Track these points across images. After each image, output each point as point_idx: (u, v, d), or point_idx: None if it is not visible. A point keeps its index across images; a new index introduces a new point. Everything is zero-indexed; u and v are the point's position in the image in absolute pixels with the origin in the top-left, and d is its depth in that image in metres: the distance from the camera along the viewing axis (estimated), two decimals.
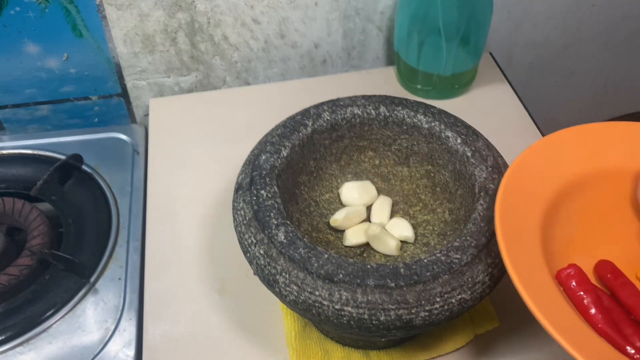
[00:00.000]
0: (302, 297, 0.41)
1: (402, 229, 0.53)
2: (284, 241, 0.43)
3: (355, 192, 0.55)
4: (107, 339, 0.54)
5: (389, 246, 0.52)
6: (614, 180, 0.48)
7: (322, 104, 0.54)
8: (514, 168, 0.45)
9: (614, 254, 0.45)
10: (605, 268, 0.44)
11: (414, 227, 0.54)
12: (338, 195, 0.56)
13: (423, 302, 0.40)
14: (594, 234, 0.46)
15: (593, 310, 0.40)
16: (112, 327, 0.55)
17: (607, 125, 0.50)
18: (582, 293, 0.41)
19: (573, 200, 0.46)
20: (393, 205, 0.56)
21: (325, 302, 0.41)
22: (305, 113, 0.53)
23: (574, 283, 0.41)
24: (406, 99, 0.54)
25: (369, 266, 0.41)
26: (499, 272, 0.43)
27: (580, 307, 0.41)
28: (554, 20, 0.84)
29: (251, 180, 0.47)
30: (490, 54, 0.80)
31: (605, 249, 0.46)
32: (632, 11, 0.88)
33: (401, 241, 0.53)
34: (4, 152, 0.71)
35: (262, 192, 0.46)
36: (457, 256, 0.42)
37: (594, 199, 0.47)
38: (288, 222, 0.45)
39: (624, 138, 0.49)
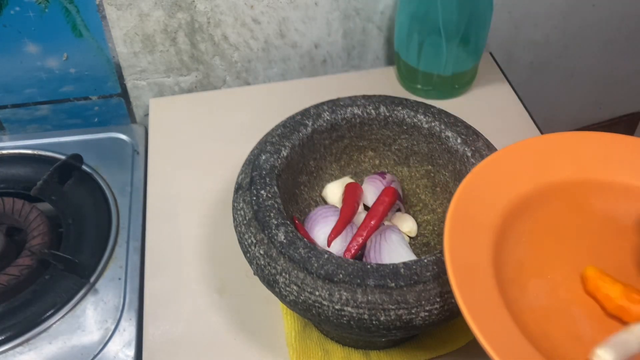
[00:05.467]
0: (302, 297, 0.41)
1: (406, 221, 0.54)
2: (284, 241, 0.43)
3: (339, 192, 0.55)
4: (107, 339, 0.54)
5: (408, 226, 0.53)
6: (560, 194, 0.46)
7: (322, 104, 0.54)
8: (457, 196, 0.42)
9: (564, 272, 0.43)
10: None
11: None
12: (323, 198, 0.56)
13: (423, 302, 0.40)
14: (544, 254, 0.44)
15: None
16: (112, 327, 0.55)
17: (549, 138, 0.47)
18: None
19: (520, 222, 0.44)
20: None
21: (325, 302, 0.41)
22: (305, 113, 0.53)
23: None
24: (406, 99, 0.54)
25: (369, 266, 0.41)
26: None
27: None
28: (554, 20, 0.84)
29: (251, 180, 0.47)
30: (490, 54, 0.80)
31: (555, 268, 0.43)
32: (632, 11, 0.88)
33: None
34: (4, 152, 0.71)
35: (262, 192, 0.46)
36: None
37: (542, 217, 0.45)
38: (288, 222, 0.44)
39: (568, 149, 0.47)
